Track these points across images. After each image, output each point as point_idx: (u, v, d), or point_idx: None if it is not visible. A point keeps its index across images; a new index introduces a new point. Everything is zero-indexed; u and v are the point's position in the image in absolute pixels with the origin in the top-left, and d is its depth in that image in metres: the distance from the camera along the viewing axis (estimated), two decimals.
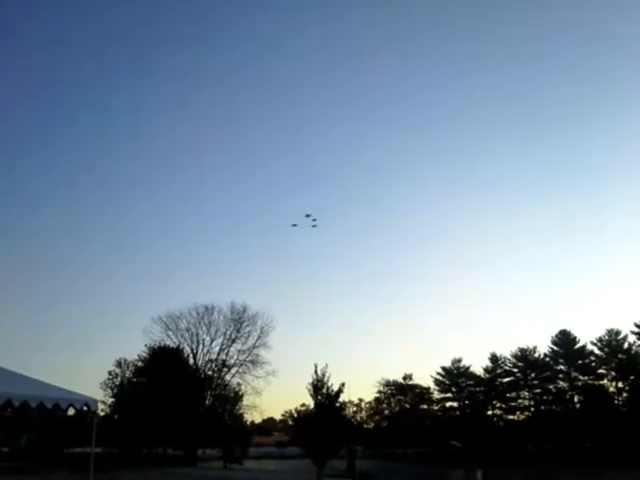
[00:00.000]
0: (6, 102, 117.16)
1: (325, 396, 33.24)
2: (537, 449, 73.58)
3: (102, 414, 51.49)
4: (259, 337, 56.98)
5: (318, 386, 33.27)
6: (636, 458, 54.32)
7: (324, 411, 33.03)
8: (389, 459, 67.61)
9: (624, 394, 77.36)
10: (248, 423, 65.48)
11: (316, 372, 33.34)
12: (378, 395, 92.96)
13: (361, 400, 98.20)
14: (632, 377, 76.16)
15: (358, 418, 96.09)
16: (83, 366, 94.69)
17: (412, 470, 50.95)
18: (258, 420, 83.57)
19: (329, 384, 33.24)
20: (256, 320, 57.47)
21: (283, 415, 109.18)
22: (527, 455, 68.51)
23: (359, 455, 64.38)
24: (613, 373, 78.50)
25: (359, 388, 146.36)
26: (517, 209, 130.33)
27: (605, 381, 79.77)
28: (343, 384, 33.65)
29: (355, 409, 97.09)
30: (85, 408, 13.21)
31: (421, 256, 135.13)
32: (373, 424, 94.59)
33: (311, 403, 34.35)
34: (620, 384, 78.32)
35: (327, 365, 33.56)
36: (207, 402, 56.39)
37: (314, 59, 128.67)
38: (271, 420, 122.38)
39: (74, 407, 13.40)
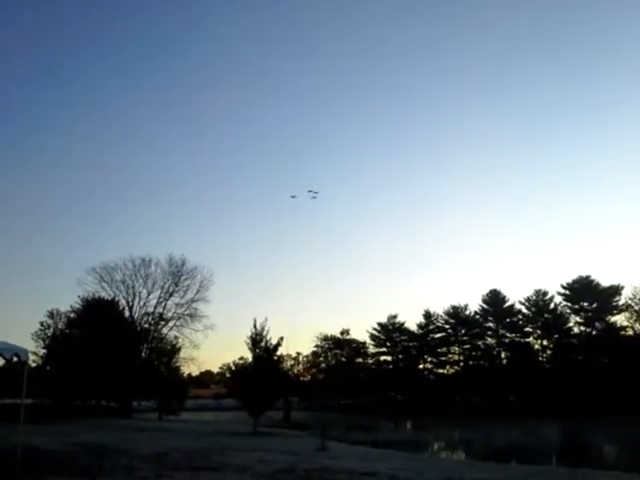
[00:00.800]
0: None
1: (263, 349, 33.48)
2: (464, 401, 77.15)
3: (33, 365, 50.18)
4: (198, 291, 56.19)
5: (257, 340, 33.45)
6: (556, 411, 57.88)
7: (262, 364, 33.32)
8: (324, 410, 69.29)
9: (548, 351, 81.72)
10: (185, 376, 65.34)
11: (255, 326, 33.50)
12: (316, 349, 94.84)
13: (299, 354, 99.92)
14: (556, 336, 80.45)
15: (296, 371, 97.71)
16: (12, 316, 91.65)
17: (345, 420, 52.39)
18: (196, 373, 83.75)
19: (268, 338, 33.48)
20: (195, 274, 56.56)
21: (221, 368, 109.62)
22: (455, 407, 71.67)
23: (295, 406, 66.08)
24: (539, 331, 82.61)
25: (298, 342, 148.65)
26: (456, 177, 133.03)
27: (531, 339, 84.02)
28: (282, 338, 33.96)
29: (293, 362, 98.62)
30: (15, 358, 12.67)
31: (362, 217, 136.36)
32: (310, 377, 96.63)
33: (250, 356, 34.58)
34: (545, 342, 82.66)
35: (266, 319, 33.73)
36: (143, 355, 55.70)
37: None
38: (209, 373, 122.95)
39: (3, 357, 12.95)
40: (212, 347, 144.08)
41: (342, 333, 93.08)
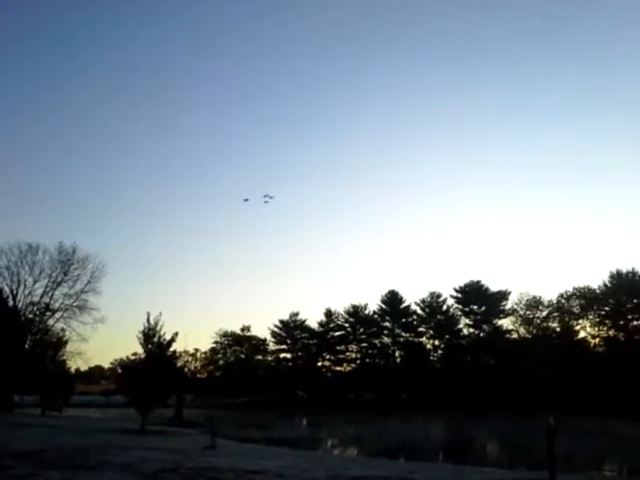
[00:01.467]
0: None
1: (156, 345, 32.22)
2: (360, 398, 78.73)
3: None
4: (89, 282, 53.16)
5: (149, 335, 32.13)
6: (445, 408, 60.30)
7: (154, 360, 32.05)
8: (220, 408, 68.10)
9: (439, 351, 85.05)
10: (72, 370, 61.90)
11: (148, 320, 32.15)
12: (214, 345, 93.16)
13: (197, 350, 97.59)
14: (447, 336, 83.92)
15: (192, 368, 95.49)
16: None
17: (240, 418, 51.73)
18: (84, 368, 79.59)
19: (162, 333, 32.24)
20: (86, 264, 53.49)
21: (112, 363, 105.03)
22: (350, 404, 72.89)
23: (189, 404, 64.44)
24: (431, 332, 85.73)
25: (202, 338, 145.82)
26: (353, 176, 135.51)
27: (424, 339, 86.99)
28: (176, 333, 32.89)
29: (190, 359, 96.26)
30: None
31: (266, 215, 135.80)
32: (207, 374, 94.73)
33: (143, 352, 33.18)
34: (436, 342, 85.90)
35: (161, 314, 32.45)
36: (27, 347, 52.09)
37: None
38: (99, 368, 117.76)
39: None
40: (103, 341, 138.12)
41: (243, 330, 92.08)
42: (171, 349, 33.59)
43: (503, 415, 51.52)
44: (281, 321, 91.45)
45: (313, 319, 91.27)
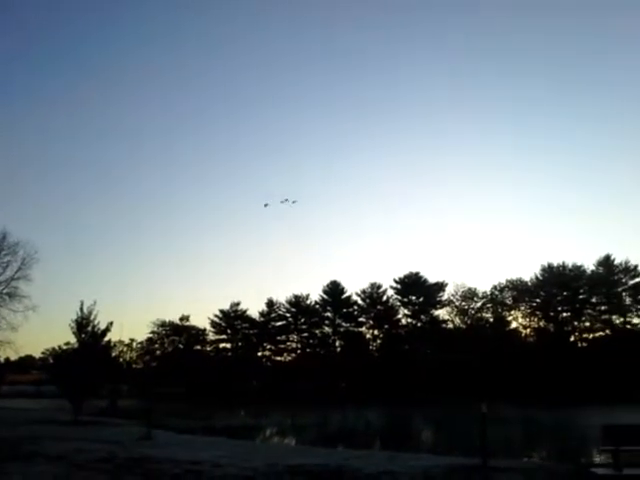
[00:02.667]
0: None
1: (90, 334, 31.34)
2: (300, 388, 79.00)
3: None
4: (19, 269, 51.15)
5: (83, 324, 31.22)
6: (384, 396, 61.34)
7: (88, 350, 31.16)
8: (156, 398, 66.75)
9: (378, 341, 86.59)
10: (2, 360, 59.51)
11: (82, 309, 31.21)
12: (151, 335, 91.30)
13: (133, 340, 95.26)
14: (386, 326, 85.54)
15: (128, 358, 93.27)
16: None
17: (177, 408, 50.98)
18: (14, 357, 76.67)
19: (96, 322, 31.37)
20: (17, 250, 51.40)
21: (44, 353, 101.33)
22: (290, 393, 72.98)
23: (124, 394, 62.94)
24: (371, 322, 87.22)
25: (135, 328, 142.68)
26: (307, 172, 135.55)
27: (364, 329, 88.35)
28: (111, 323, 32.15)
29: (125, 349, 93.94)
30: None
31: (206, 204, 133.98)
32: (143, 364, 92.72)
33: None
34: (376, 332, 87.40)
35: (95, 303, 31.56)
36: None
37: None
38: (30, 358, 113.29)
39: None
40: (35, 330, 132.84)
41: (181, 319, 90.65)
42: (105, 339, 32.87)
43: (440, 403, 52.88)
44: (221, 311, 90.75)
45: (254, 309, 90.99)
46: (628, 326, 78.18)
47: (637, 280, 78.52)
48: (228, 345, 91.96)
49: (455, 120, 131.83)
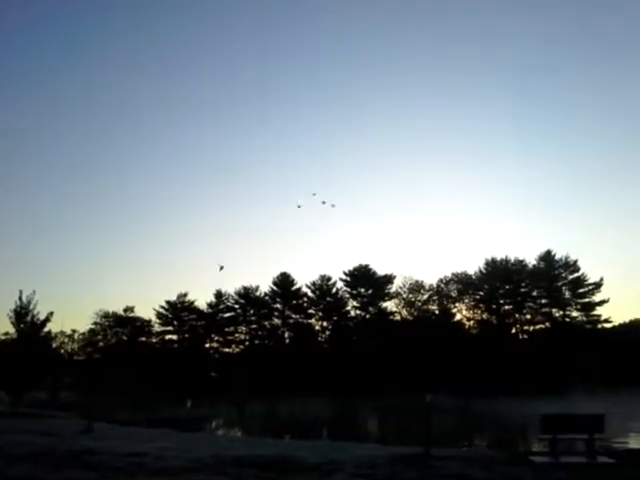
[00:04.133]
0: None
1: (29, 325, 30.27)
2: (248, 379, 78.61)
3: None
4: None
5: (22, 314, 30.11)
6: (332, 387, 61.75)
7: (27, 341, 30.09)
8: (98, 390, 65.19)
9: (327, 332, 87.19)
10: None
11: (20, 299, 30.11)
12: (94, 327, 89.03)
13: (74, 331, 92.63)
14: (335, 318, 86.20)
15: (69, 349, 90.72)
16: None
17: (121, 401, 49.96)
18: None
19: (35, 312, 30.31)
20: None
21: None
22: (238, 385, 72.51)
23: (66, 386, 61.21)
24: (320, 314, 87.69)
25: (77, 319, 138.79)
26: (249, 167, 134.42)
27: (313, 320, 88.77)
28: (51, 313, 31.14)
29: (67, 340, 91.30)
30: None
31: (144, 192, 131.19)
32: (86, 356, 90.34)
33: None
34: (325, 324, 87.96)
35: (34, 292, 30.49)
36: None
37: None
38: None
39: None
40: None
41: (126, 310, 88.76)
42: (46, 329, 31.84)
43: (387, 393, 53.66)
44: (168, 302, 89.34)
45: (202, 300, 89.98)
46: (567, 319, 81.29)
47: (576, 275, 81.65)
48: (174, 337, 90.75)
49: (405, 118, 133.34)
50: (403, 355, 69.88)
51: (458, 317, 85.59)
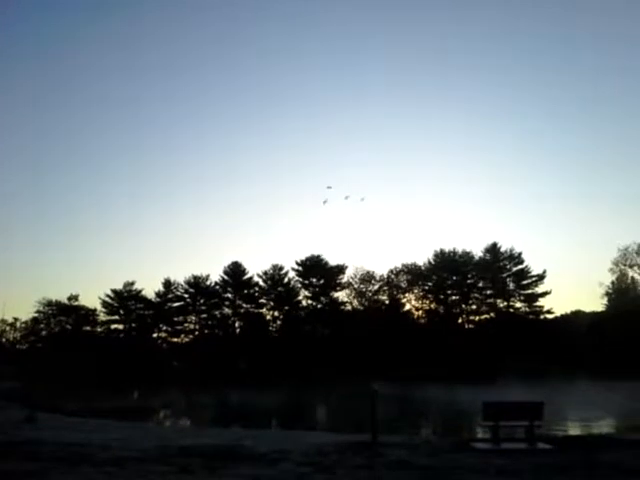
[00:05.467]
0: None
1: None
2: (196, 369, 77.98)
3: None
4: None
5: None
6: (283, 377, 61.91)
7: None
8: (42, 380, 63.43)
9: (278, 322, 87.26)
10: None
11: None
12: (37, 315, 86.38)
13: (16, 319, 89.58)
14: (287, 307, 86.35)
15: (11, 338, 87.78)
16: None
17: (64, 390, 48.76)
18: None
19: None
20: None
21: None
22: (187, 374, 71.90)
23: (6, 375, 59.11)
24: (272, 303, 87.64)
25: (19, 307, 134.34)
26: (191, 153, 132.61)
27: (264, 310, 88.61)
28: None
29: (8, 328, 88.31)
30: None
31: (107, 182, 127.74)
32: (28, 345, 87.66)
33: None
34: (276, 313, 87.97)
35: None
36: None
37: None
38: None
39: None
40: None
41: (70, 299, 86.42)
42: None
43: (337, 382, 54.19)
44: (114, 291, 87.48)
45: (150, 289, 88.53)
46: (511, 310, 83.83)
47: (520, 267, 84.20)
48: (121, 326, 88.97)
49: (360, 108, 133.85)
50: (353, 344, 70.63)
51: (407, 307, 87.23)
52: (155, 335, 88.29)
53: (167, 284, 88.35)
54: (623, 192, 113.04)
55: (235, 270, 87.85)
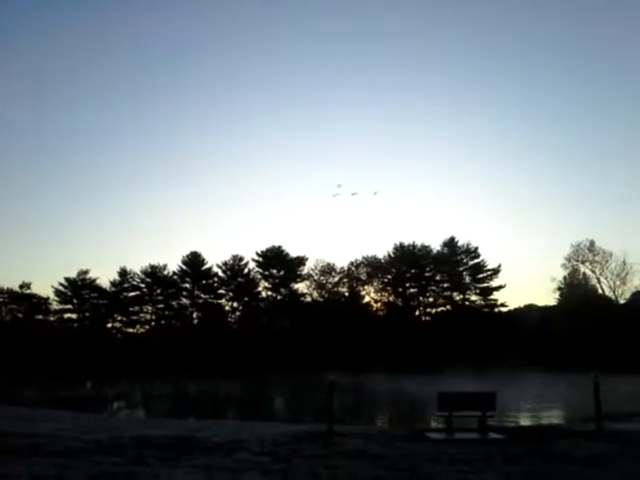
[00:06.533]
0: None
1: None
2: (153, 359, 76.93)
3: None
4: None
5: None
6: (242, 368, 61.71)
7: None
8: None
9: (237, 313, 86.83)
10: None
11: None
12: None
13: None
14: (246, 298, 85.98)
15: None
16: None
17: (15, 380, 47.60)
18: None
19: None
20: None
21: None
22: (143, 365, 70.82)
23: None
24: (231, 294, 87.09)
25: None
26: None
27: (223, 301, 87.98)
28: None
29: None
30: None
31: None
32: None
33: None
34: (235, 304, 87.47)
35: None
36: None
37: None
38: None
39: None
40: None
41: (22, 287, 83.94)
42: None
43: (296, 373, 54.32)
44: (67, 279, 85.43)
45: (105, 278, 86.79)
46: (466, 302, 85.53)
47: (476, 261, 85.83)
48: (74, 316, 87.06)
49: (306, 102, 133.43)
50: (313, 335, 70.87)
51: (367, 299, 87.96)
52: (110, 325, 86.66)
53: (123, 273, 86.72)
54: (576, 190, 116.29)
55: (194, 260, 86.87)
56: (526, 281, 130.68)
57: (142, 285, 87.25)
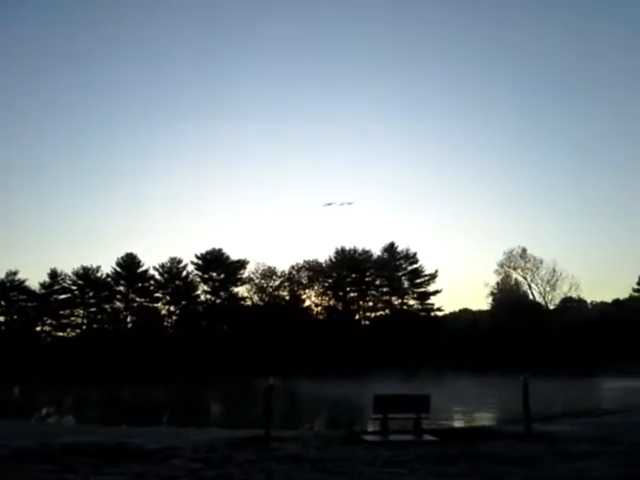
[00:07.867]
0: None
1: None
2: (83, 365, 74.35)
3: None
4: None
5: None
6: (179, 373, 60.52)
7: None
8: None
9: (174, 317, 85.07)
10: None
11: None
12: None
13: None
14: (184, 302, 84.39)
15: None
16: None
17: None
18: None
19: None
20: None
21: None
22: (73, 370, 68.34)
23: None
24: (168, 297, 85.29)
25: None
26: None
27: (159, 304, 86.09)
28: None
29: None
30: None
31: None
32: None
33: None
34: (172, 308, 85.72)
35: None
36: None
37: None
38: None
39: None
40: None
41: None
42: None
43: (234, 378, 53.77)
44: None
45: (35, 280, 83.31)
46: (405, 307, 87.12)
47: (415, 266, 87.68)
48: (1, 318, 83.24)
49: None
50: (252, 340, 70.35)
51: (307, 303, 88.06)
52: (39, 328, 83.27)
53: (53, 275, 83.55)
54: (509, 198, 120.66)
55: (129, 262, 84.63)
56: (461, 286, 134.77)
57: (74, 287, 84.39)
